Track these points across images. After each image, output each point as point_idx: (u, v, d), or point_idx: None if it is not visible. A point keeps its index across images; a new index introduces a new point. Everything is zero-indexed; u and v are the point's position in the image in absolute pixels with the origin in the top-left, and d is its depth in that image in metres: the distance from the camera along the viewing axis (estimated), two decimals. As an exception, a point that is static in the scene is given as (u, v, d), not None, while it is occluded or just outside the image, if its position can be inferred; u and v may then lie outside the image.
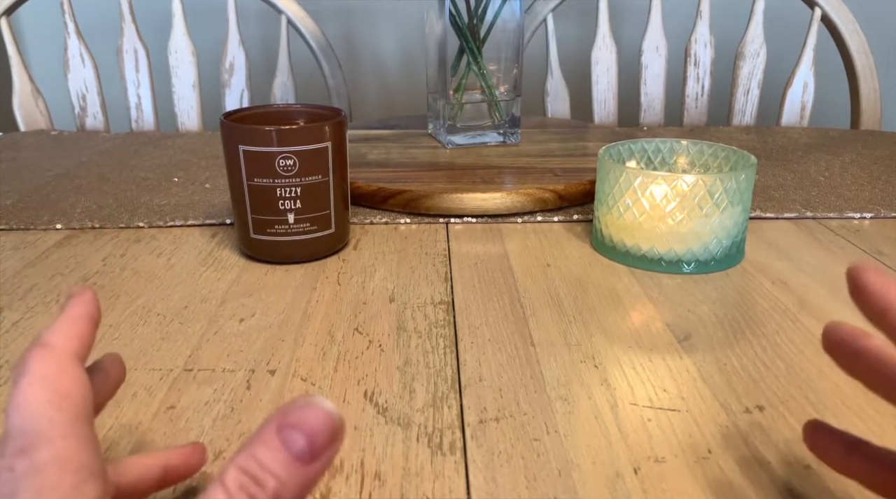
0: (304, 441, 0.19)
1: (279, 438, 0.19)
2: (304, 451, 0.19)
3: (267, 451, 0.19)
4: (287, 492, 0.19)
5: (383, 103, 1.45)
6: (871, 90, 1.00)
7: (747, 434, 0.33)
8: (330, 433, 0.20)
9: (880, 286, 0.25)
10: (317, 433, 0.19)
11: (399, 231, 0.59)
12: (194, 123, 1.03)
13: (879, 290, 0.25)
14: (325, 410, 0.20)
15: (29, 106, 1.00)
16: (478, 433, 0.33)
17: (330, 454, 0.20)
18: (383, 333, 0.43)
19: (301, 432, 0.19)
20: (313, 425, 0.19)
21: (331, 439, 0.20)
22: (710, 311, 0.45)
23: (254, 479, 0.19)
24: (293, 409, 0.20)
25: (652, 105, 1.04)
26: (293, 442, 0.19)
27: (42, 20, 1.38)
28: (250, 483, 0.19)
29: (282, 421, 0.19)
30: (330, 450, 0.20)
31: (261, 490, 0.19)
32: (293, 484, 0.19)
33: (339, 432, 0.20)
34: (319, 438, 0.19)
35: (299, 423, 0.19)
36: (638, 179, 0.49)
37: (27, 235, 0.58)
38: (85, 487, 0.20)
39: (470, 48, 0.73)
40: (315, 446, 0.19)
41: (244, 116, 0.54)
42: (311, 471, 0.19)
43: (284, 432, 0.19)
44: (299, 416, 0.19)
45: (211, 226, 0.60)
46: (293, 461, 0.19)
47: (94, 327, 0.25)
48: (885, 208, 0.63)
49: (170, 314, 0.45)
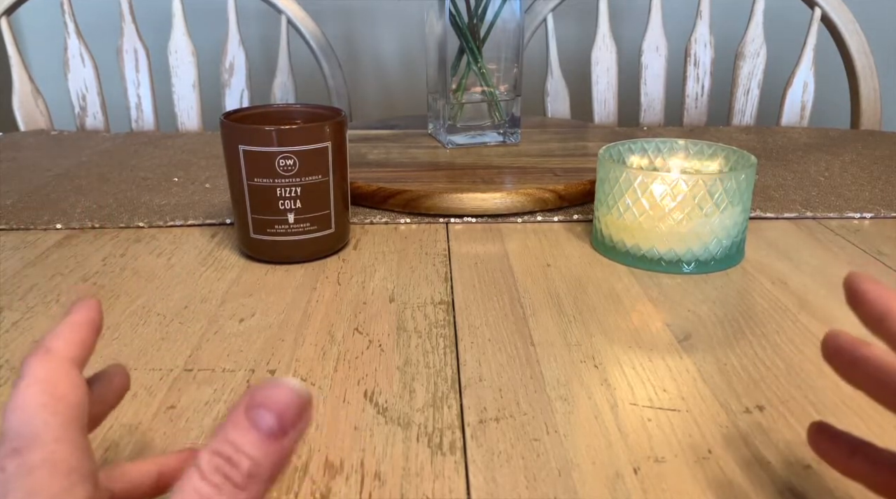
0: (273, 419, 0.20)
1: (248, 418, 0.20)
2: (274, 428, 0.20)
3: (238, 432, 0.20)
4: (261, 469, 0.20)
5: (383, 103, 1.45)
6: (871, 90, 1.00)
7: (747, 434, 0.33)
8: (297, 408, 0.20)
9: (877, 294, 0.26)
10: (284, 410, 0.20)
11: (399, 231, 0.59)
12: (194, 123, 1.03)
13: (877, 298, 0.26)
14: (291, 387, 0.20)
15: (29, 106, 1.00)
16: (478, 433, 0.33)
17: (300, 429, 0.20)
18: (383, 333, 0.43)
19: (269, 410, 0.20)
20: (280, 402, 0.20)
21: (299, 414, 0.20)
22: (710, 311, 0.45)
23: (227, 460, 0.19)
24: (260, 389, 0.20)
25: (652, 105, 1.04)
26: (262, 420, 0.20)
27: (42, 20, 1.38)
28: (224, 464, 0.19)
29: (250, 402, 0.20)
30: (299, 425, 0.20)
31: (235, 470, 0.19)
32: (266, 461, 0.20)
33: (306, 407, 0.20)
34: (287, 414, 0.20)
35: (266, 401, 0.20)
36: (638, 179, 0.49)
37: (27, 235, 0.58)
38: (74, 489, 0.20)
39: (470, 48, 0.73)
40: (284, 422, 0.20)
41: (244, 116, 0.54)
42: (283, 447, 0.20)
43: (253, 411, 0.20)
44: (266, 395, 0.20)
45: (211, 226, 0.60)
46: (264, 439, 0.20)
47: (95, 334, 0.25)
48: (885, 208, 0.63)
49: (170, 314, 0.45)
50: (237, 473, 0.19)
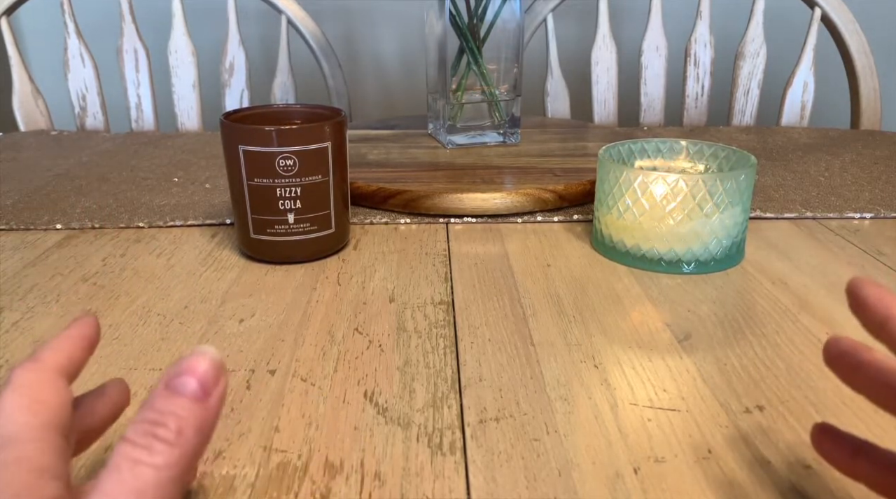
0: (195, 382, 0.22)
1: (171, 388, 0.21)
2: (197, 390, 0.21)
3: (162, 400, 0.21)
4: (188, 426, 0.21)
5: (383, 103, 1.45)
6: (871, 90, 1.00)
7: (747, 434, 0.33)
8: (215, 371, 0.22)
9: (879, 298, 0.26)
10: (204, 373, 0.22)
11: (399, 231, 0.59)
12: (194, 123, 1.03)
13: (878, 301, 0.26)
14: (204, 353, 0.22)
15: (29, 106, 1.00)
16: (478, 433, 0.33)
17: (220, 391, 0.22)
18: (383, 333, 0.43)
19: (190, 376, 0.22)
20: (199, 367, 0.22)
21: (217, 376, 0.22)
22: (710, 311, 0.45)
23: (154, 422, 0.21)
24: (176, 365, 0.22)
25: (652, 105, 1.04)
26: (185, 385, 0.21)
27: (42, 20, 1.38)
28: (152, 426, 0.21)
29: (169, 375, 0.22)
30: (219, 386, 0.22)
31: (164, 429, 0.21)
32: (193, 419, 0.21)
33: (222, 370, 0.23)
34: (207, 377, 0.22)
35: (186, 369, 0.22)
36: (638, 179, 0.49)
37: (27, 235, 0.58)
38: (42, 485, 0.21)
39: (470, 48, 0.73)
40: (205, 383, 0.22)
41: (244, 116, 0.54)
42: (207, 408, 0.22)
43: (174, 381, 0.22)
44: (183, 365, 0.22)
45: (211, 226, 0.60)
46: (189, 402, 0.21)
47: (87, 349, 0.26)
48: (885, 208, 0.63)
49: (170, 314, 0.45)
50: (165, 430, 0.21)
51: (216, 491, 0.30)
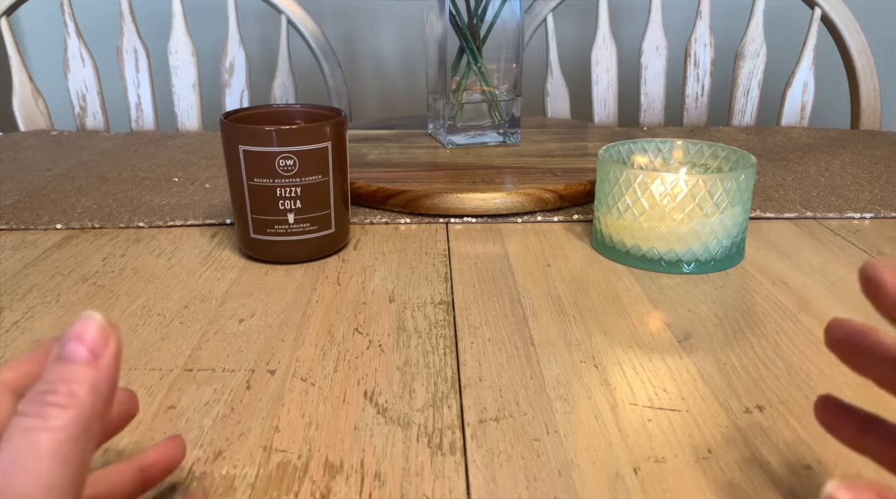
0: (83, 347, 0.21)
1: (58, 360, 0.21)
2: (86, 354, 0.21)
3: (52, 371, 0.21)
4: (80, 388, 0.20)
5: (383, 103, 1.45)
6: (871, 90, 1.00)
7: (747, 434, 0.33)
8: (103, 333, 0.22)
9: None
10: (92, 337, 0.21)
11: (399, 231, 0.59)
12: (194, 123, 1.03)
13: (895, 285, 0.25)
14: (88, 317, 0.22)
15: (29, 106, 1.00)
16: (478, 433, 0.33)
17: (111, 351, 0.22)
18: (383, 333, 0.43)
19: (76, 342, 0.21)
20: (86, 332, 0.21)
21: (106, 338, 0.22)
22: (710, 311, 0.45)
23: (44, 392, 0.20)
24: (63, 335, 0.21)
25: (652, 105, 1.04)
26: (73, 352, 0.21)
27: (42, 20, 1.38)
28: (42, 396, 0.20)
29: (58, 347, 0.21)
30: (109, 346, 0.22)
31: (54, 395, 0.20)
32: (84, 381, 0.20)
33: (111, 331, 0.22)
34: (95, 339, 0.21)
35: (71, 337, 0.21)
36: (638, 178, 0.49)
37: (27, 235, 0.58)
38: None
39: (470, 48, 0.73)
40: (94, 346, 0.21)
41: (244, 116, 0.54)
42: (99, 369, 0.21)
43: (62, 352, 0.21)
44: (68, 334, 0.21)
45: (211, 226, 0.60)
46: (79, 367, 0.21)
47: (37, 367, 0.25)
48: (885, 208, 0.63)
49: (170, 314, 0.45)
50: (55, 396, 0.20)
51: (216, 491, 0.30)
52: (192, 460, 0.32)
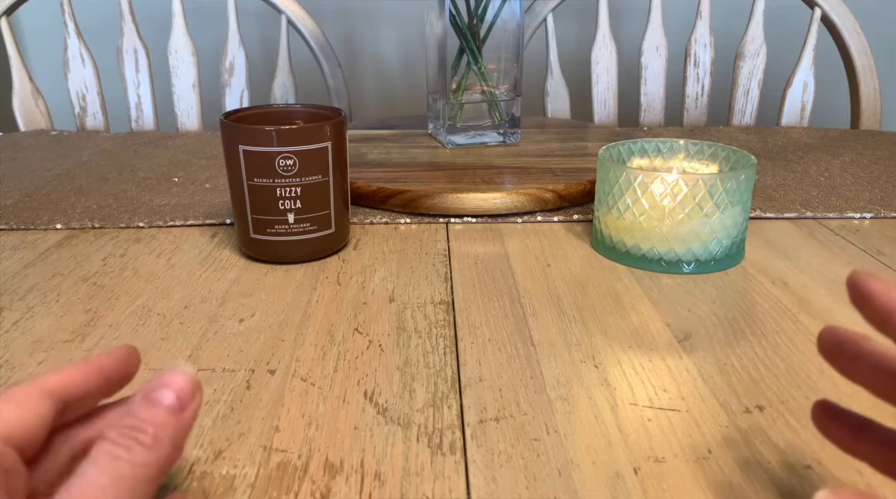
0: (173, 395, 0.23)
1: (149, 400, 0.23)
2: (174, 403, 0.23)
3: (141, 410, 0.23)
4: (164, 434, 0.22)
5: (383, 103, 1.45)
6: (871, 90, 1.00)
7: (747, 434, 0.33)
8: (192, 387, 0.24)
9: (883, 292, 0.26)
10: (181, 388, 0.23)
11: (399, 231, 0.59)
12: (194, 123, 1.03)
13: (883, 295, 0.25)
14: (182, 371, 0.24)
15: (29, 106, 1.00)
16: (478, 433, 0.33)
17: (195, 406, 0.24)
18: (383, 333, 0.43)
19: (168, 389, 0.23)
20: (177, 382, 0.24)
21: (193, 392, 0.24)
22: (710, 311, 0.45)
23: (133, 428, 0.22)
24: (155, 379, 0.24)
25: (652, 105, 1.04)
26: (163, 398, 0.23)
27: (42, 20, 1.38)
28: (131, 431, 0.22)
29: (148, 388, 0.23)
30: (194, 402, 0.24)
31: (142, 433, 0.22)
32: (169, 429, 0.23)
33: (198, 387, 0.24)
34: (184, 391, 0.23)
35: (164, 384, 0.23)
36: (638, 178, 0.49)
37: (27, 235, 0.58)
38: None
39: (470, 48, 0.73)
40: (182, 397, 0.23)
41: (244, 116, 0.54)
42: (182, 420, 0.23)
43: (153, 394, 0.23)
44: (162, 380, 0.24)
45: (211, 226, 0.60)
46: (166, 413, 0.23)
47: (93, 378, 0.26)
48: (885, 208, 0.63)
49: (170, 314, 0.45)
50: (144, 435, 0.22)
51: (216, 491, 0.30)
52: (192, 460, 0.32)
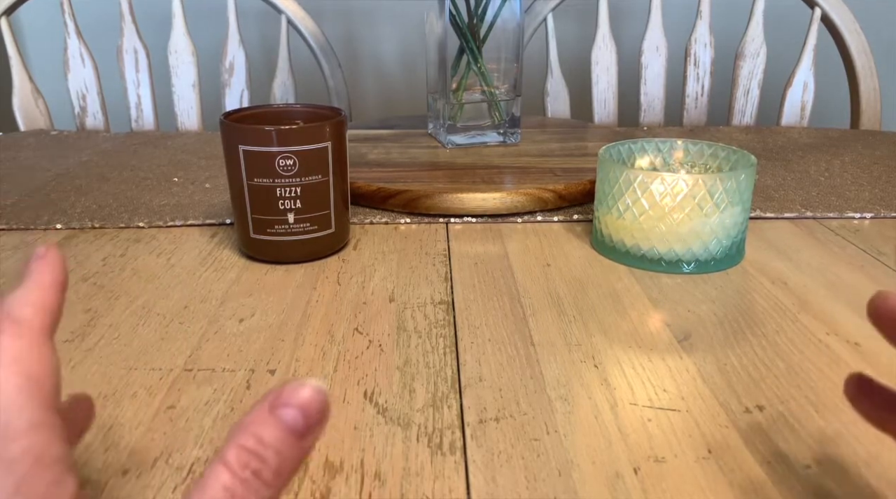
0: (300, 415, 0.20)
1: (274, 415, 0.20)
2: (300, 425, 0.20)
3: (264, 428, 0.20)
4: (286, 465, 0.20)
5: (383, 103, 1.45)
6: (871, 90, 1.00)
7: (747, 434, 0.33)
8: (320, 407, 0.20)
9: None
10: (309, 408, 0.20)
11: (399, 231, 0.59)
12: (194, 123, 1.03)
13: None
14: (314, 386, 0.21)
15: (29, 106, 1.00)
16: (478, 433, 0.33)
17: (321, 428, 0.21)
18: (383, 333, 0.43)
19: (295, 408, 0.20)
20: (305, 400, 0.20)
21: (322, 413, 0.21)
22: (710, 311, 0.45)
23: (256, 455, 0.19)
24: (284, 389, 0.20)
25: (652, 105, 1.04)
26: (289, 417, 0.20)
27: (42, 20, 1.38)
28: (253, 459, 0.19)
29: (275, 400, 0.20)
30: (321, 424, 0.21)
31: (264, 466, 0.19)
32: (291, 457, 0.20)
33: (328, 406, 0.21)
34: (312, 412, 0.20)
35: (292, 400, 0.20)
36: (638, 178, 0.49)
37: (27, 235, 0.58)
38: (65, 480, 0.19)
39: (470, 48, 0.73)
40: (309, 419, 0.20)
41: (244, 116, 0.54)
42: (305, 444, 0.20)
43: (279, 409, 0.20)
44: (291, 394, 0.20)
45: (211, 226, 0.60)
46: (290, 435, 0.20)
47: (62, 296, 0.23)
48: (885, 208, 0.63)
49: (170, 314, 0.45)
50: (266, 468, 0.19)
51: (216, 491, 0.30)
52: (192, 460, 0.32)
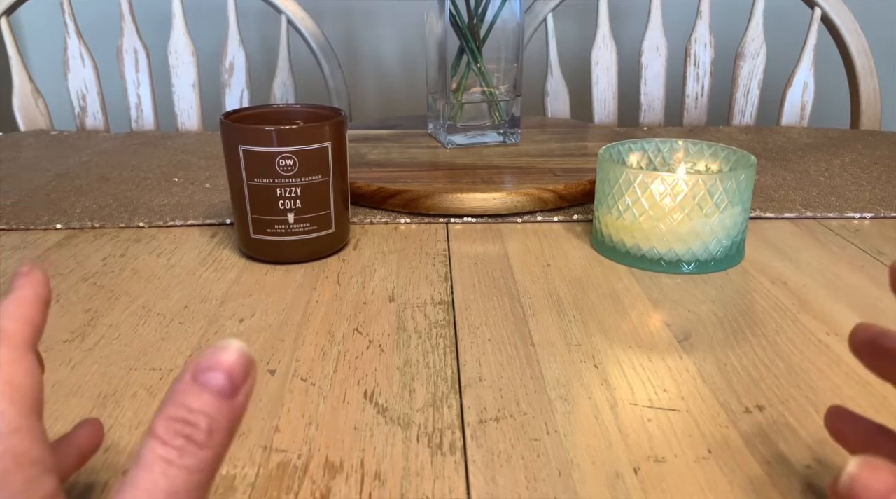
0: (224, 377, 0.20)
1: (198, 382, 0.20)
2: (225, 386, 0.20)
3: (189, 396, 0.20)
4: (220, 425, 0.20)
5: (383, 103, 1.45)
6: (871, 90, 1.00)
7: (747, 434, 0.33)
8: (244, 367, 0.20)
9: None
10: (233, 369, 0.20)
11: (399, 231, 0.59)
12: (194, 123, 1.03)
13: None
14: (234, 347, 0.21)
15: (29, 106, 1.00)
16: (478, 433, 0.33)
17: (248, 388, 0.21)
18: (383, 333, 0.43)
19: (218, 371, 0.20)
20: (228, 362, 0.20)
21: (246, 372, 0.20)
22: (710, 311, 0.45)
23: (185, 422, 0.19)
24: (204, 355, 0.20)
25: (652, 105, 1.04)
26: (213, 381, 0.20)
27: (42, 20, 1.38)
28: (183, 426, 0.19)
29: (196, 367, 0.20)
30: (247, 383, 0.21)
31: (195, 430, 0.19)
32: (222, 419, 0.20)
33: (252, 365, 0.21)
34: (236, 372, 0.20)
35: (214, 363, 0.20)
36: (638, 178, 0.49)
37: (27, 235, 0.58)
38: (40, 481, 0.20)
39: (470, 48, 0.73)
40: (234, 380, 0.20)
41: (244, 116, 0.54)
42: (235, 405, 0.20)
43: (202, 375, 0.20)
44: (213, 358, 0.20)
45: (211, 226, 0.60)
46: (217, 398, 0.20)
47: (45, 311, 0.24)
48: (885, 208, 0.63)
49: (170, 314, 0.45)
50: (197, 431, 0.19)
51: (216, 491, 0.30)
52: (192, 460, 0.32)
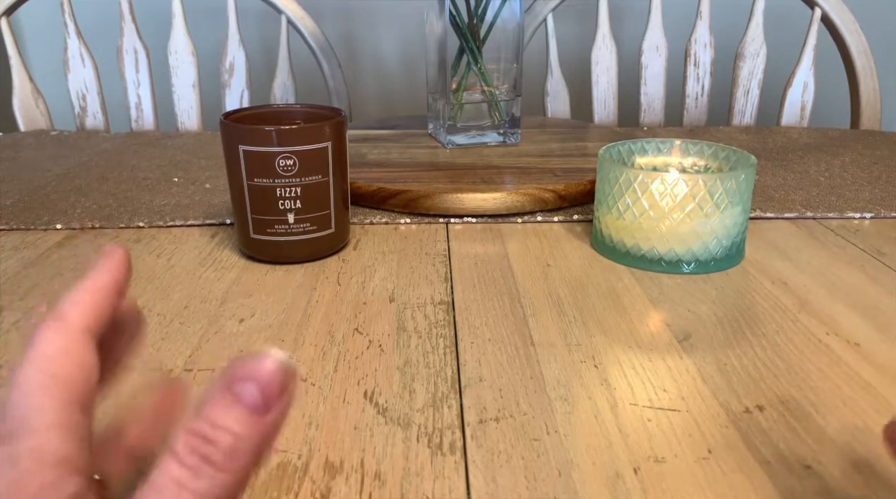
0: (256, 391, 0.18)
1: (230, 393, 0.19)
2: (258, 401, 0.19)
3: (218, 408, 0.18)
4: (244, 446, 0.18)
5: (383, 103, 1.45)
6: (871, 90, 1.00)
7: (747, 434, 0.33)
8: (281, 381, 0.19)
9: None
10: (268, 382, 0.19)
11: (399, 231, 0.59)
12: (194, 123, 1.03)
13: None
14: (275, 358, 0.19)
15: (29, 106, 1.00)
16: (478, 433, 0.33)
17: (284, 404, 0.19)
18: (383, 333, 0.43)
19: (252, 382, 0.19)
20: (264, 374, 0.19)
21: (283, 387, 0.19)
22: (710, 311, 0.45)
23: (204, 438, 0.18)
24: (242, 364, 0.19)
25: (652, 105, 1.04)
26: (245, 393, 0.18)
27: (42, 20, 1.38)
28: (201, 444, 0.18)
29: (231, 376, 0.19)
30: (283, 399, 0.19)
31: (213, 449, 0.18)
32: (250, 437, 0.18)
33: (290, 379, 0.19)
34: (271, 386, 0.19)
35: (250, 374, 0.19)
36: (638, 178, 0.49)
37: (27, 235, 0.58)
38: (62, 483, 0.19)
39: (470, 48, 0.73)
40: (268, 395, 0.19)
41: (244, 116, 0.54)
42: (267, 423, 0.19)
43: (236, 385, 0.19)
44: (249, 368, 0.19)
45: (211, 226, 0.60)
46: (248, 414, 0.18)
47: (116, 299, 0.23)
48: (885, 208, 0.63)
49: (170, 314, 0.45)
50: (216, 451, 0.18)
51: (216, 491, 0.30)
52: (192, 460, 0.32)
